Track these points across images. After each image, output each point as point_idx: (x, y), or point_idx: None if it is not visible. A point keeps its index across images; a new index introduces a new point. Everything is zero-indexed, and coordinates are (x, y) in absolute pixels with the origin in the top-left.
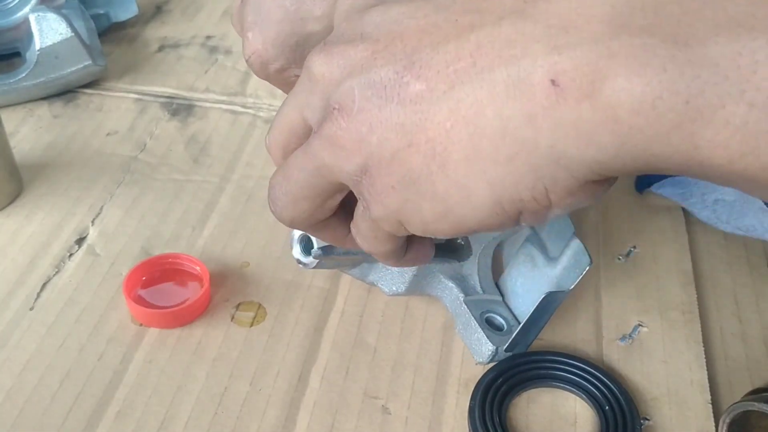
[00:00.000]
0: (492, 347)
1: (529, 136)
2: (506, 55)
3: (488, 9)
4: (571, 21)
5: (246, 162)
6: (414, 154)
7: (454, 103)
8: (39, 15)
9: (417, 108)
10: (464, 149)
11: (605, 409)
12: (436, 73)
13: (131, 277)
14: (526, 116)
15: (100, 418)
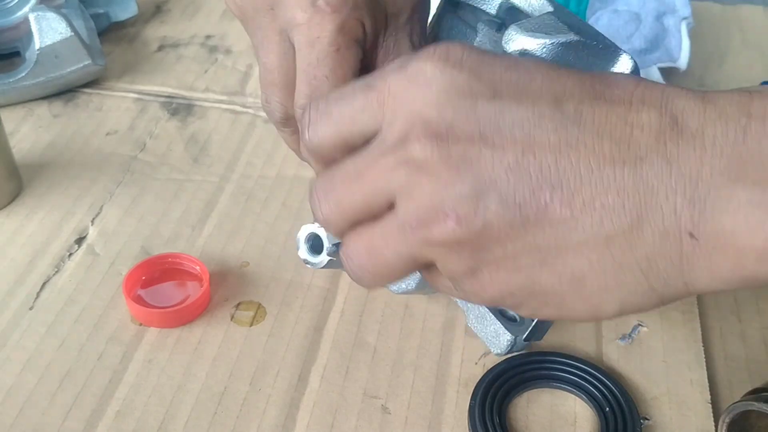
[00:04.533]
0: (510, 337)
1: (669, 275)
2: (651, 202)
3: (622, 139)
4: (700, 172)
5: (246, 162)
6: (546, 273)
7: (602, 239)
8: (39, 14)
9: (557, 233)
10: (605, 280)
11: (605, 410)
12: (582, 203)
13: (131, 276)
14: (667, 259)
15: (99, 418)
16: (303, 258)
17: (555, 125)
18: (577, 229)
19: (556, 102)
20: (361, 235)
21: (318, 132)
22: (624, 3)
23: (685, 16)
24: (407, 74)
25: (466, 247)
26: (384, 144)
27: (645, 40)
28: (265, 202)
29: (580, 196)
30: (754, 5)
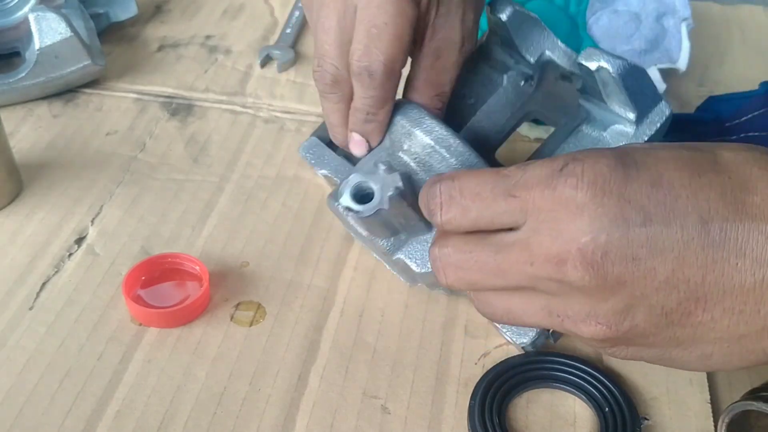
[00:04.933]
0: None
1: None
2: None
3: (762, 256)
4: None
5: (246, 162)
6: (679, 351)
7: (736, 337)
8: (38, 15)
9: (696, 331)
10: (730, 359)
11: (605, 411)
12: (722, 310)
13: (131, 276)
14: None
15: (99, 418)
16: (345, 205)
17: (702, 246)
18: (714, 328)
19: (703, 223)
20: (500, 296)
21: (453, 221)
22: (624, 3)
23: (685, 18)
24: (556, 197)
25: (611, 340)
26: (530, 253)
27: (645, 40)
28: (265, 202)
29: (721, 305)
30: (754, 5)
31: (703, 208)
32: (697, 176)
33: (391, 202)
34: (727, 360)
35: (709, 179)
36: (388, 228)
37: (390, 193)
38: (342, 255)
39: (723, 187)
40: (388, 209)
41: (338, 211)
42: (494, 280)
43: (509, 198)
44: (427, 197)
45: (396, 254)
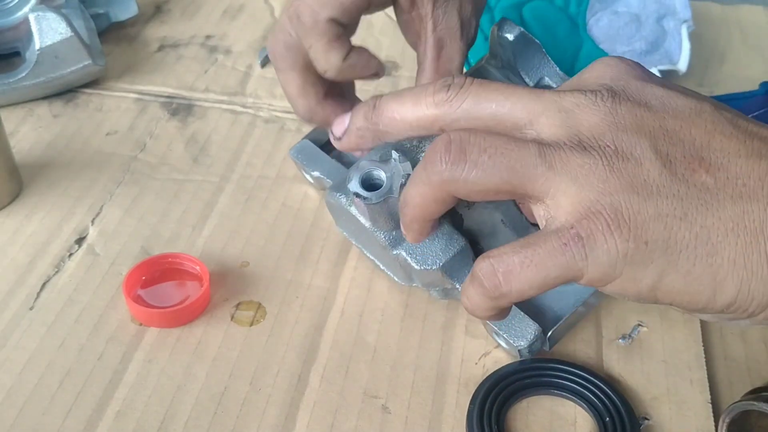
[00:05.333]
0: (537, 328)
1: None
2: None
3: (764, 146)
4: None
5: (246, 162)
6: (684, 228)
7: (739, 210)
8: (39, 15)
9: (701, 194)
10: (737, 252)
11: (605, 419)
12: (726, 177)
13: (131, 276)
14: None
15: (100, 418)
16: (354, 191)
17: (715, 116)
18: (718, 196)
19: (716, 105)
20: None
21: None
22: (624, 5)
23: (686, 19)
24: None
25: (617, 177)
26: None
27: (645, 42)
28: (265, 202)
29: (724, 173)
30: (754, 5)
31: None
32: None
33: (401, 190)
34: (732, 257)
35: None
36: (392, 219)
37: (402, 180)
38: (342, 255)
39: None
40: (397, 198)
41: (339, 202)
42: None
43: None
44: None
45: (396, 249)
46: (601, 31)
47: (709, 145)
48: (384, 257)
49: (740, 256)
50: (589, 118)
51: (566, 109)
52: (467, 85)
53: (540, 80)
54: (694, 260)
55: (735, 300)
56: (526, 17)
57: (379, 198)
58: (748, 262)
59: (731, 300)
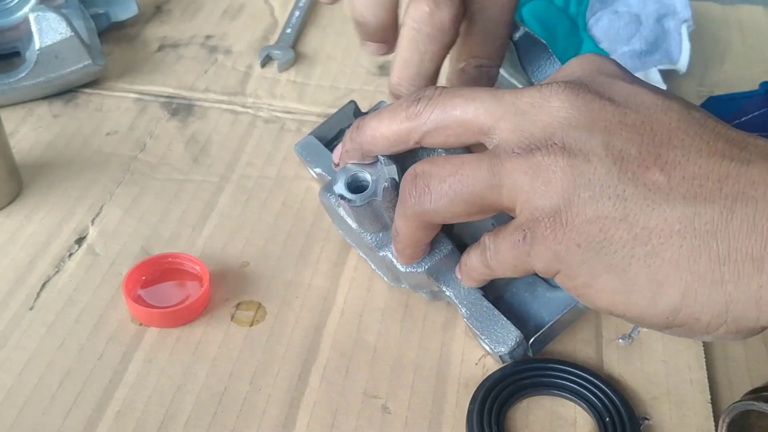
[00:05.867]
0: (519, 334)
1: (747, 272)
2: (749, 194)
3: (738, 143)
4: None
5: (246, 162)
6: (622, 229)
7: (691, 212)
8: (39, 15)
9: (648, 194)
10: (680, 255)
11: (605, 419)
12: (682, 177)
13: (131, 276)
14: (750, 254)
15: (100, 418)
16: (339, 193)
17: (680, 115)
18: (668, 196)
19: (687, 105)
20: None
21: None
22: (624, 4)
23: (686, 19)
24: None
25: (561, 180)
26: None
27: (645, 42)
28: (265, 202)
29: (681, 172)
30: (754, 5)
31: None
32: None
33: (384, 194)
34: (675, 259)
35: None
36: (378, 221)
37: (385, 184)
38: (342, 255)
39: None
40: (381, 201)
41: (329, 203)
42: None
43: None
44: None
45: (382, 250)
46: (600, 31)
47: (670, 141)
48: (373, 258)
49: (684, 259)
50: (543, 117)
51: (522, 111)
52: (435, 96)
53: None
54: (630, 260)
55: (679, 305)
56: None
57: (363, 201)
58: (694, 264)
59: (674, 305)
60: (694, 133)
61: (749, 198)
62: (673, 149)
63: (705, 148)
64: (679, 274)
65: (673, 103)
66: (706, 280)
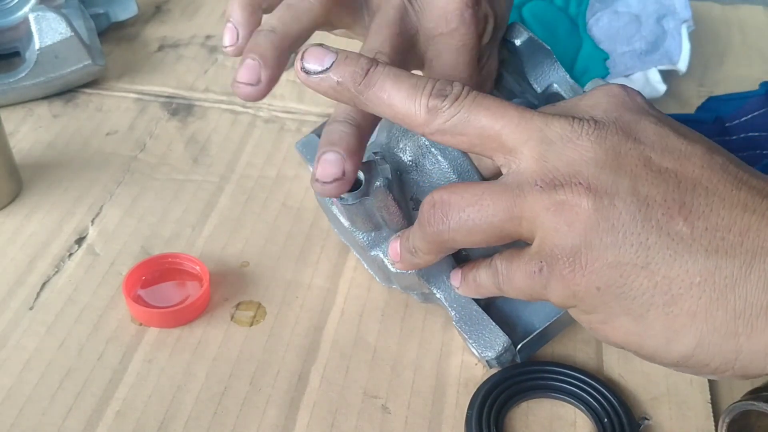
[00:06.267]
0: (506, 340)
1: (760, 326)
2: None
3: (760, 191)
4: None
5: (246, 162)
6: (643, 276)
7: (712, 265)
8: (38, 14)
9: (672, 244)
10: (698, 306)
11: (604, 421)
12: (705, 229)
13: (131, 276)
14: (763, 308)
15: (99, 418)
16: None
17: (705, 162)
18: (691, 247)
19: (720, 154)
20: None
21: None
22: (624, 5)
23: (686, 19)
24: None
25: (585, 222)
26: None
27: (645, 42)
28: (265, 202)
29: (704, 222)
30: (754, 5)
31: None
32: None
33: (376, 193)
34: (693, 309)
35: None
36: (370, 221)
37: (377, 183)
38: (342, 255)
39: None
40: (373, 200)
41: (324, 200)
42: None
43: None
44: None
45: (374, 250)
46: (600, 31)
47: (694, 189)
48: (365, 257)
49: (702, 310)
50: (569, 153)
51: (549, 141)
52: (462, 97)
53: (548, 87)
54: (649, 307)
55: (692, 353)
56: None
57: (355, 200)
58: (710, 317)
59: (687, 352)
60: (718, 180)
61: (767, 252)
62: (697, 197)
63: (728, 197)
64: (696, 325)
65: (697, 147)
66: (721, 332)
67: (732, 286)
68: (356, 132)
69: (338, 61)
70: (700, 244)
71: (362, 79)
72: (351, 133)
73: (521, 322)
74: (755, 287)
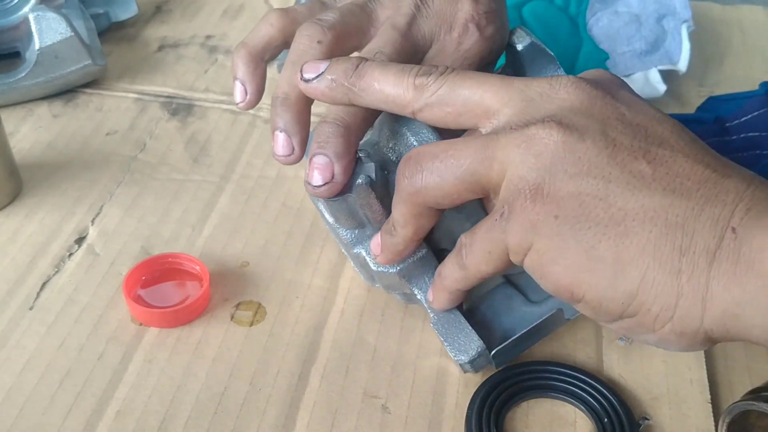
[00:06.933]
0: (480, 344)
1: (701, 265)
2: (720, 198)
3: (724, 162)
4: (756, 198)
5: (246, 162)
6: (600, 207)
7: (667, 202)
8: (38, 14)
9: (632, 180)
10: (648, 240)
11: (604, 421)
12: (665, 173)
13: (131, 276)
14: (706, 249)
15: (99, 418)
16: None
17: (674, 125)
18: (650, 186)
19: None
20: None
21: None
22: (624, 4)
23: (686, 19)
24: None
25: (550, 150)
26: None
27: (645, 42)
28: (265, 202)
29: (665, 168)
30: (754, 5)
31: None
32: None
33: (359, 190)
34: (642, 242)
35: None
36: (354, 218)
37: (359, 181)
38: (342, 255)
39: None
40: (355, 197)
41: (313, 198)
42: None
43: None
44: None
45: (356, 247)
46: (601, 31)
47: (661, 144)
48: (350, 254)
49: (651, 244)
50: (548, 105)
51: (529, 98)
52: (447, 72)
53: None
54: (601, 238)
55: (636, 290)
56: (526, 17)
57: (338, 196)
58: (658, 251)
59: (632, 289)
60: (685, 143)
61: (719, 201)
62: (662, 150)
63: (692, 156)
64: (643, 258)
65: (671, 119)
66: (665, 268)
67: (681, 224)
68: (344, 133)
69: (331, 63)
70: (659, 184)
71: (353, 72)
72: (339, 134)
73: (501, 328)
74: (703, 228)
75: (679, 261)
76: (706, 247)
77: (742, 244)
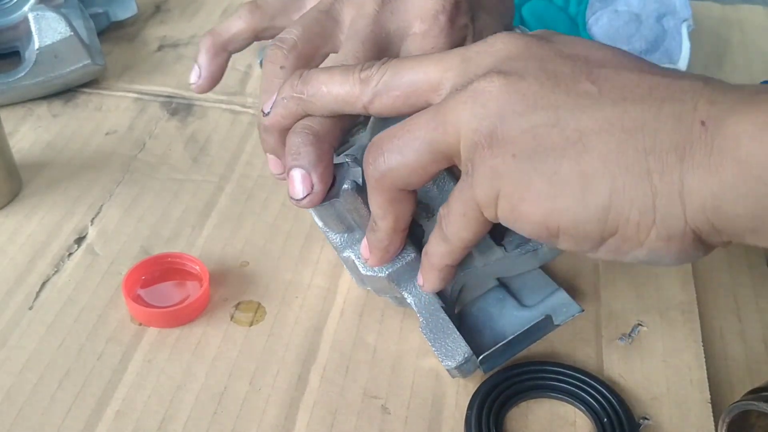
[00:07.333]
0: (468, 351)
1: (671, 162)
2: (677, 97)
3: (672, 71)
4: (728, 98)
5: (245, 161)
6: (555, 134)
7: (620, 111)
8: (38, 14)
9: (580, 100)
10: (609, 150)
11: (603, 421)
12: (611, 87)
13: (130, 276)
14: (674, 144)
15: (99, 418)
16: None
17: (615, 51)
18: (599, 101)
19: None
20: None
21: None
22: (624, 4)
23: (686, 18)
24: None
25: (496, 101)
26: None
27: (645, 41)
28: (265, 202)
29: (611, 83)
30: (754, 5)
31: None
32: None
33: (345, 195)
34: (604, 153)
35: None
36: (342, 222)
37: (345, 186)
38: None
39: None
40: (342, 202)
41: None
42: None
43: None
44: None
45: (346, 251)
46: (600, 30)
47: (603, 66)
48: (341, 258)
49: (613, 152)
50: (486, 60)
51: (468, 58)
52: (388, 61)
53: None
54: (561, 161)
55: (609, 202)
56: (525, 17)
57: (324, 201)
58: (622, 157)
59: (604, 201)
60: (628, 61)
61: (677, 99)
62: (605, 69)
63: (637, 69)
64: (607, 168)
65: (612, 47)
66: (633, 172)
67: (641, 127)
68: (314, 141)
69: (280, 88)
70: (608, 98)
71: (298, 82)
72: (309, 143)
73: (492, 333)
74: (665, 126)
75: (646, 161)
76: (674, 144)
77: (714, 137)
